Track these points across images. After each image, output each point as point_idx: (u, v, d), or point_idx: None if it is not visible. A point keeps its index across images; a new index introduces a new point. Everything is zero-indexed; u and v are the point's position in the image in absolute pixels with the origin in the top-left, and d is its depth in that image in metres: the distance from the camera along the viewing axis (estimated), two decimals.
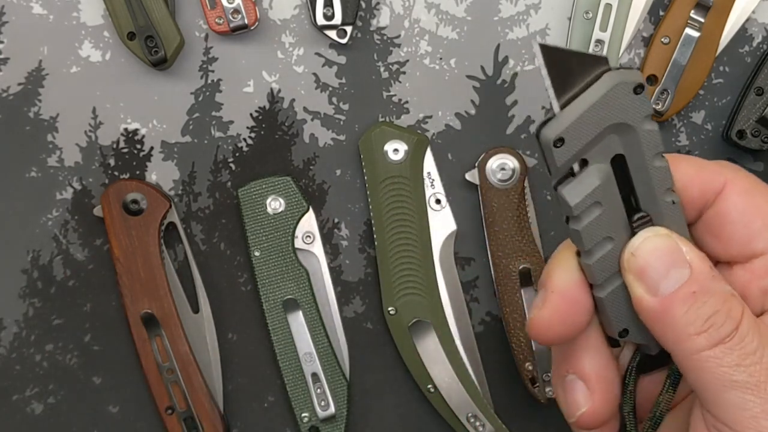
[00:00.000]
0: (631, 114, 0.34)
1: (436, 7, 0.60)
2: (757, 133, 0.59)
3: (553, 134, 0.34)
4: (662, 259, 0.35)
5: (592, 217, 0.35)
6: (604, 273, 0.36)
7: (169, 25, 0.57)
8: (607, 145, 0.35)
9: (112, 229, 0.57)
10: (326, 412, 0.58)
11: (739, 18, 0.60)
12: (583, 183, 0.35)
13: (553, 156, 0.34)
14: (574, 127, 0.34)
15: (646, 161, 0.35)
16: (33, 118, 0.59)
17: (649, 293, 0.35)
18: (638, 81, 0.34)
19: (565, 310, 0.37)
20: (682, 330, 0.34)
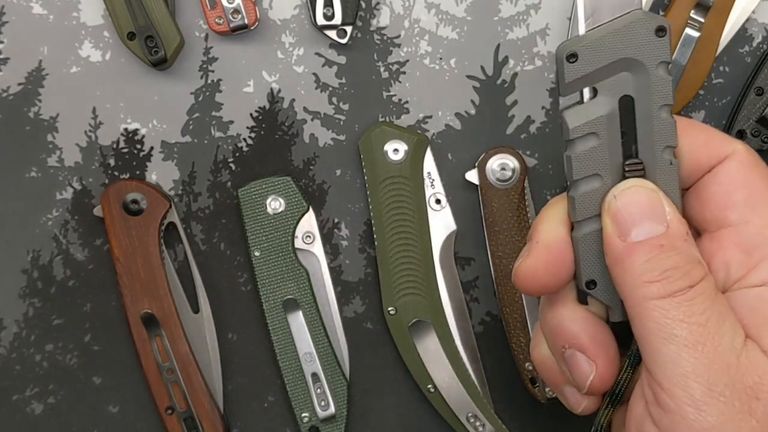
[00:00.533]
0: (648, 53, 0.35)
1: (436, 7, 0.60)
2: (757, 133, 0.59)
3: (568, 48, 0.35)
4: (641, 208, 0.35)
5: (587, 147, 0.36)
6: (585, 211, 0.37)
7: (169, 25, 0.57)
8: (619, 81, 0.36)
9: (112, 229, 0.57)
10: (326, 412, 0.58)
11: (739, 18, 0.60)
12: (587, 110, 0.36)
13: (564, 70, 0.35)
14: (590, 47, 0.35)
15: (652, 109, 0.36)
16: (33, 118, 0.59)
17: (619, 236, 0.35)
18: (662, 24, 0.35)
19: (549, 259, 0.38)
20: (638, 276, 0.34)
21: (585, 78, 0.36)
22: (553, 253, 0.38)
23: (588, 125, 0.36)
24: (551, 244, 0.38)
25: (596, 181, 0.36)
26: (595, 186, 0.37)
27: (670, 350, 0.34)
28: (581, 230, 0.37)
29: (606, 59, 0.35)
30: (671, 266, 0.34)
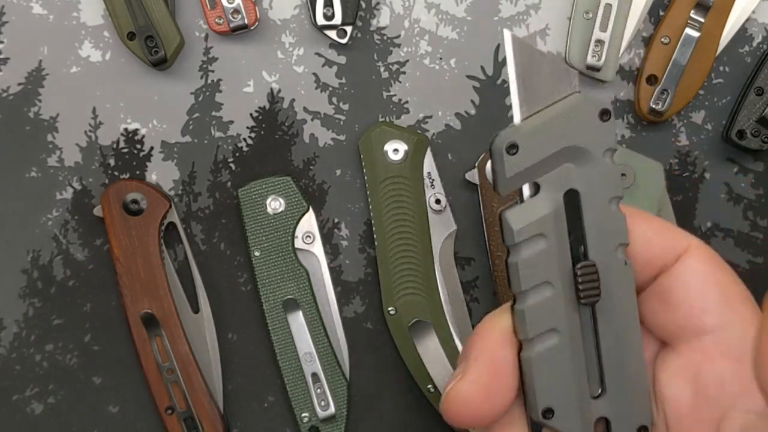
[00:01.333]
0: (593, 140, 0.32)
1: (436, 7, 0.60)
2: (757, 133, 0.59)
3: (507, 139, 0.31)
4: None
5: (534, 251, 0.32)
6: (537, 326, 0.32)
7: (169, 25, 0.57)
8: (562, 174, 0.32)
9: (112, 229, 0.57)
10: (326, 412, 0.58)
11: (739, 18, 0.60)
12: (531, 209, 0.32)
13: (504, 164, 0.31)
14: (530, 136, 0.31)
15: (601, 203, 0.32)
16: (33, 118, 0.59)
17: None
18: (605, 107, 0.32)
19: (490, 383, 0.32)
20: None
21: (527, 171, 0.31)
22: (496, 376, 0.32)
23: (534, 226, 0.32)
24: (492, 357, 0.32)
25: (547, 290, 0.32)
26: (546, 295, 0.32)
27: None
28: (533, 349, 0.32)
29: (548, 149, 0.31)
30: None
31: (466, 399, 0.32)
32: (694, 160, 0.61)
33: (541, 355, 0.32)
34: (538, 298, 0.32)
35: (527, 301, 0.32)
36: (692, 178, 0.61)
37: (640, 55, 0.61)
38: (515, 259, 0.32)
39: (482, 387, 0.32)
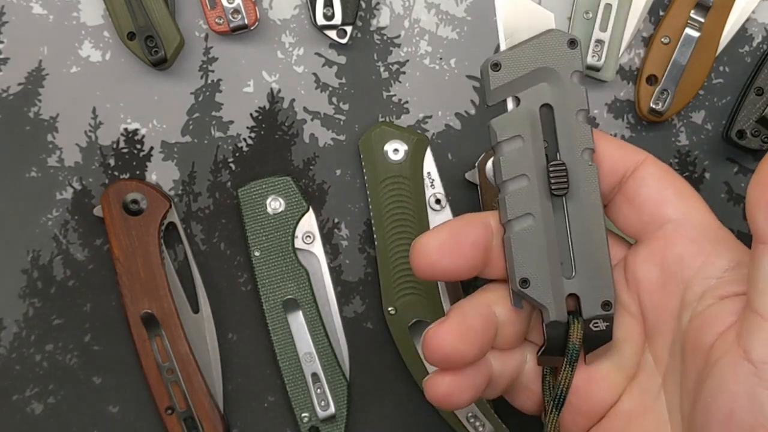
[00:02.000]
0: (562, 63, 0.39)
1: (436, 7, 0.60)
2: (757, 133, 0.59)
3: (492, 59, 0.40)
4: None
5: (514, 148, 0.39)
6: (516, 210, 0.39)
7: (169, 25, 0.57)
8: (538, 90, 0.39)
9: (112, 229, 0.57)
10: (326, 412, 0.58)
11: (739, 18, 0.60)
12: (512, 117, 0.39)
13: (489, 78, 0.39)
14: (510, 57, 0.39)
15: (570, 115, 0.39)
16: (33, 118, 0.59)
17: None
18: (573, 38, 0.40)
19: (461, 231, 0.39)
20: None
21: (508, 86, 0.39)
22: (468, 225, 0.39)
23: (513, 128, 0.39)
24: (465, 217, 0.40)
25: (524, 181, 0.39)
26: (523, 185, 0.39)
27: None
28: (512, 229, 0.39)
29: (525, 68, 0.39)
30: None
31: (437, 248, 0.40)
32: (694, 160, 0.61)
33: (518, 234, 0.39)
34: (516, 186, 0.39)
35: (507, 189, 0.39)
36: (692, 178, 0.61)
37: (640, 55, 0.61)
38: (498, 156, 0.39)
39: (455, 238, 0.40)
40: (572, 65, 0.39)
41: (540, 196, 0.39)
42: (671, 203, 0.39)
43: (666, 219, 0.39)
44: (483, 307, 0.40)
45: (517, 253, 0.39)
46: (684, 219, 0.39)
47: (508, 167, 0.39)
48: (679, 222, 0.39)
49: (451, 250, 0.39)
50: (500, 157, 0.39)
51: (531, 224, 0.39)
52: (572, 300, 0.40)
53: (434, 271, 0.39)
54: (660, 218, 0.40)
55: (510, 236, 0.39)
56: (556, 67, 0.39)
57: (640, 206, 0.40)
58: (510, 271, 0.39)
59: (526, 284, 0.39)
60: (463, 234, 0.39)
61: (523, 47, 0.40)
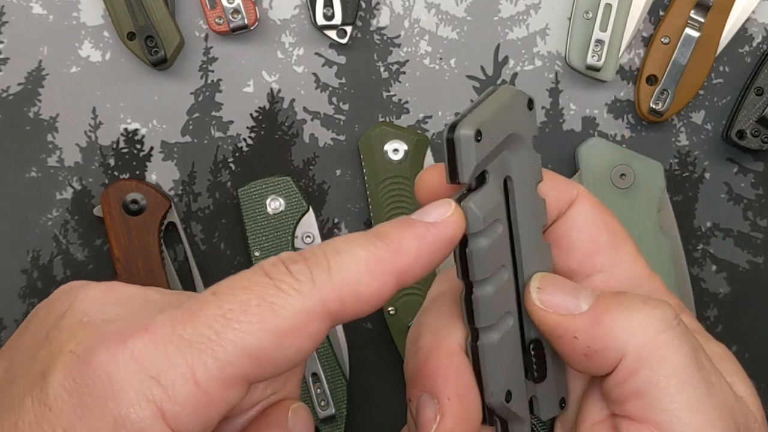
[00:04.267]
0: (524, 128, 0.33)
1: (436, 7, 0.60)
2: (757, 133, 0.59)
3: (473, 126, 0.31)
4: (564, 285, 0.33)
5: (495, 236, 0.32)
6: (497, 311, 0.33)
7: (169, 25, 0.57)
8: (502, 161, 0.33)
9: (112, 229, 0.57)
10: (326, 412, 0.58)
11: (739, 18, 0.60)
12: (487, 195, 0.32)
13: (473, 151, 0.31)
14: (489, 125, 0.32)
15: (529, 187, 0.34)
16: (33, 118, 0.59)
17: (572, 313, 0.32)
18: (530, 96, 0.34)
19: (467, 418, 0.32)
20: (629, 319, 0.31)
21: (485, 159, 0.32)
22: (471, 408, 0.33)
23: (494, 211, 0.32)
24: (465, 395, 0.32)
25: (504, 273, 0.33)
26: (504, 278, 0.33)
27: (690, 397, 0.31)
28: (493, 335, 0.32)
29: (499, 137, 0.32)
30: (643, 298, 0.32)
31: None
32: (694, 160, 0.61)
33: (502, 339, 0.33)
34: (498, 282, 0.32)
35: (487, 287, 0.32)
36: (692, 178, 0.61)
37: (640, 55, 0.61)
38: (477, 246, 0.32)
39: (464, 425, 0.32)
40: (531, 129, 0.34)
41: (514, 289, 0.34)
42: (603, 252, 0.35)
43: (596, 269, 0.35)
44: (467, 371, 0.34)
45: (502, 361, 0.33)
46: (613, 270, 0.35)
47: (491, 260, 0.32)
48: (609, 274, 0.35)
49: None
50: (481, 249, 0.32)
51: (510, 325, 0.33)
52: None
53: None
54: (590, 268, 0.35)
55: (492, 343, 0.32)
56: (520, 133, 0.33)
57: (568, 252, 0.36)
58: (491, 383, 0.32)
59: (509, 397, 0.33)
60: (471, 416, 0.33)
61: (495, 113, 0.32)
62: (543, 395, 0.35)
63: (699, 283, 0.61)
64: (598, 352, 0.32)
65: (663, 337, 0.31)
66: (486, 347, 0.32)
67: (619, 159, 0.58)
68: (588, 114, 0.61)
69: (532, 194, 0.34)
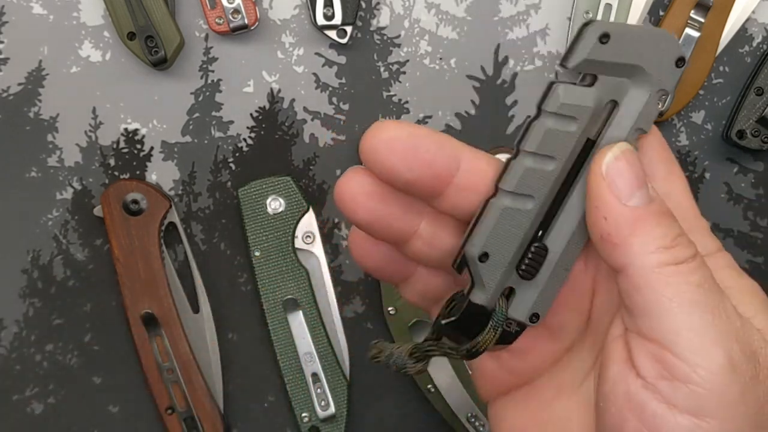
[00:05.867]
0: (659, 74, 0.34)
1: (436, 7, 0.60)
2: (757, 133, 0.59)
3: (603, 28, 0.33)
4: (637, 174, 0.34)
5: (561, 127, 0.34)
6: (523, 187, 0.34)
7: (169, 25, 0.57)
8: (618, 85, 0.34)
9: (112, 229, 0.57)
10: (326, 412, 0.58)
11: (739, 18, 0.60)
12: (581, 94, 0.34)
13: (590, 47, 0.33)
14: (620, 37, 0.33)
15: (627, 127, 0.35)
16: (33, 118, 0.59)
17: (621, 200, 0.33)
18: (684, 55, 0.34)
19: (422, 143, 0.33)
20: (650, 242, 0.33)
21: (600, 64, 0.33)
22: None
23: (575, 108, 0.34)
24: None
25: (550, 164, 0.34)
26: (547, 168, 0.34)
27: (693, 319, 0.32)
28: (506, 201, 0.34)
29: (626, 58, 0.34)
30: (677, 232, 0.33)
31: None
32: (694, 160, 0.61)
33: (510, 209, 0.34)
34: (539, 165, 0.34)
35: (527, 162, 0.34)
36: (692, 178, 0.61)
37: None
38: (542, 124, 0.34)
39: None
40: (666, 82, 0.34)
41: (554, 185, 0.35)
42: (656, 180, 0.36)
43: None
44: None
45: (496, 226, 0.34)
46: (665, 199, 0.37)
47: (545, 141, 0.34)
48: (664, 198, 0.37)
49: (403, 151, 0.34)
50: (542, 125, 0.34)
51: (528, 209, 0.34)
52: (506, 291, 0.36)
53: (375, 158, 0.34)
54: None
55: (501, 205, 0.34)
56: (651, 73, 0.34)
57: None
58: (477, 235, 0.34)
59: (484, 258, 0.35)
60: (423, 147, 0.34)
61: (635, 34, 0.34)
62: (521, 294, 0.36)
63: None
64: (613, 246, 0.33)
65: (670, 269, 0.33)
66: (493, 205, 0.34)
67: None
68: None
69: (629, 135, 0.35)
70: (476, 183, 0.35)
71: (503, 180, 0.34)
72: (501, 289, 0.35)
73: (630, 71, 0.34)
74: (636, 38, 0.34)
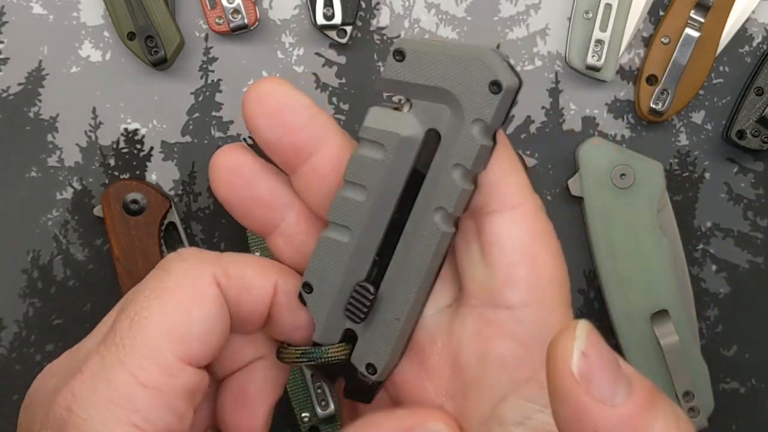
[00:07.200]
0: (471, 101, 0.29)
1: (436, 7, 0.60)
2: (757, 133, 0.59)
3: (399, 44, 0.30)
4: (611, 362, 0.27)
5: (368, 154, 0.31)
6: (338, 215, 0.32)
7: (169, 25, 0.57)
8: (435, 111, 0.30)
9: (112, 229, 0.57)
10: (326, 412, 0.58)
11: (739, 18, 0.60)
12: (392, 118, 0.31)
13: (386, 64, 0.30)
14: (419, 56, 0.30)
15: (446, 164, 0.30)
16: (33, 118, 0.59)
17: (605, 403, 0.27)
18: (498, 79, 0.29)
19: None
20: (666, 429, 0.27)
21: (402, 85, 0.30)
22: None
23: (381, 134, 0.31)
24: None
25: (361, 194, 0.31)
26: (359, 199, 0.31)
27: None
28: (328, 230, 0.32)
29: (427, 79, 0.30)
30: (678, 412, 0.28)
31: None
32: (694, 160, 0.61)
33: (329, 239, 0.32)
34: (351, 194, 0.32)
35: (343, 190, 0.32)
36: (692, 178, 0.61)
37: (640, 55, 0.61)
38: (356, 149, 0.32)
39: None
40: (481, 112, 0.29)
41: (375, 217, 0.32)
42: (517, 287, 0.32)
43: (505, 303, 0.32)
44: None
45: (318, 255, 0.32)
46: (526, 311, 0.32)
47: (354, 169, 0.31)
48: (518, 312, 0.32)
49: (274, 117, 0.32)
50: (356, 152, 0.31)
51: (345, 241, 0.32)
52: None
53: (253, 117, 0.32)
54: (500, 302, 0.32)
55: (322, 234, 0.32)
56: (461, 100, 0.29)
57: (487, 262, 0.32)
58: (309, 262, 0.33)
59: (308, 289, 0.33)
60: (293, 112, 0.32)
61: (438, 53, 0.29)
62: (361, 340, 0.33)
63: (699, 283, 0.61)
64: None
65: None
66: (321, 234, 0.33)
67: (619, 159, 0.58)
68: (588, 114, 0.61)
69: (446, 171, 0.30)
70: (329, 173, 0.32)
71: (329, 210, 0.32)
72: (336, 327, 0.33)
73: (442, 96, 0.30)
74: (441, 57, 0.29)
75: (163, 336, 0.30)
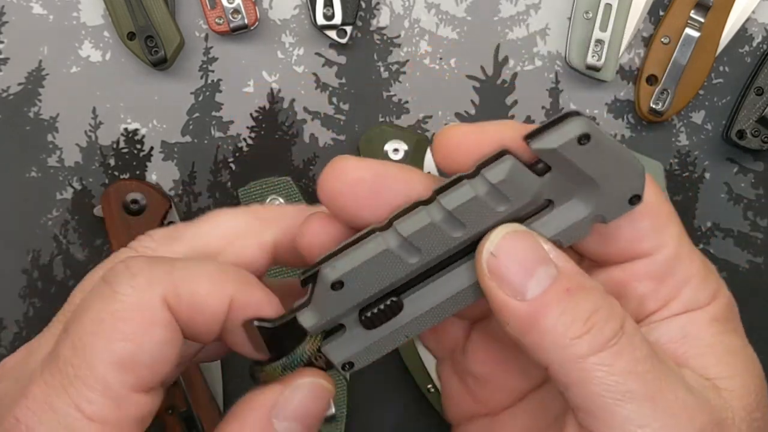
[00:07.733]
0: (610, 199, 0.30)
1: (436, 7, 0.60)
2: (757, 133, 0.59)
3: (585, 127, 0.29)
4: (526, 255, 0.29)
5: (490, 203, 0.30)
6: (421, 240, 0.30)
7: (169, 25, 0.57)
8: (565, 187, 0.30)
9: (112, 229, 0.57)
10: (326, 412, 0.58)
11: (739, 18, 0.60)
12: (527, 178, 0.30)
13: (571, 143, 0.29)
14: (600, 145, 0.29)
15: (548, 234, 0.31)
16: (33, 118, 0.59)
17: (515, 297, 0.28)
18: (640, 193, 0.30)
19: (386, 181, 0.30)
20: (560, 335, 0.28)
21: (565, 162, 0.29)
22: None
23: (514, 190, 0.30)
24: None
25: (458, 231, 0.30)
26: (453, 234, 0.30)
27: (630, 410, 0.28)
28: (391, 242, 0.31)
29: (590, 167, 0.29)
30: (591, 309, 0.28)
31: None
32: (694, 160, 0.61)
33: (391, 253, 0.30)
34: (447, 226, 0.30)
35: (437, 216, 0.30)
36: (692, 178, 0.61)
37: (640, 55, 0.61)
38: (473, 187, 0.30)
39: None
40: (610, 211, 0.30)
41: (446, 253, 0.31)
42: (646, 237, 0.32)
43: (637, 255, 0.32)
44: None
45: (369, 262, 0.30)
46: (656, 255, 0.32)
47: (467, 207, 0.30)
48: (650, 259, 0.32)
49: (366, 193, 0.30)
50: (473, 189, 0.29)
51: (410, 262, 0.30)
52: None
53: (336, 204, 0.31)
54: (631, 253, 0.32)
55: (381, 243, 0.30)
56: (602, 197, 0.30)
57: (608, 237, 0.32)
58: (339, 256, 0.30)
59: (338, 287, 0.30)
60: (392, 190, 0.30)
61: (612, 149, 0.29)
62: (349, 336, 0.32)
63: None
64: (529, 350, 0.29)
65: (591, 361, 0.28)
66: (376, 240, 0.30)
67: None
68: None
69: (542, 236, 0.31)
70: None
71: (401, 220, 0.30)
72: (333, 323, 0.32)
73: (583, 181, 0.30)
74: (608, 153, 0.29)
75: (110, 366, 0.28)
